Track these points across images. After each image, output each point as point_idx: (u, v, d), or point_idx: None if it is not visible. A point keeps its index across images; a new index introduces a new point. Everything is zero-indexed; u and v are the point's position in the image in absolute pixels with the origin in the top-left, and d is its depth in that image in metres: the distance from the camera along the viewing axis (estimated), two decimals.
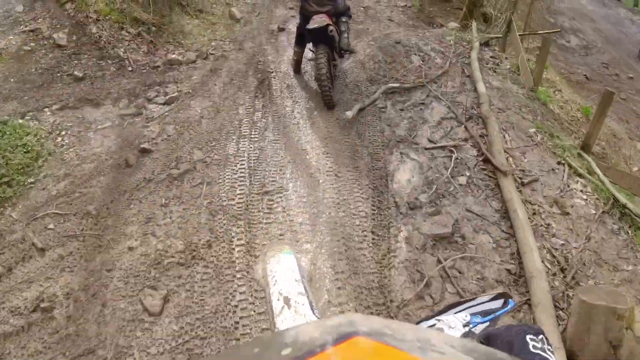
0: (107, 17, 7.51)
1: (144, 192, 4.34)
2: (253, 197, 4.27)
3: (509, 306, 1.16)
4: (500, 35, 8.79)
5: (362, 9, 9.77)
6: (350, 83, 6.46)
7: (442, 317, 1.16)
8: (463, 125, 5.77)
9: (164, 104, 6.02)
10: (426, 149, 5.27)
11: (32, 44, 6.98)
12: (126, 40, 7.47)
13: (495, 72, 7.48)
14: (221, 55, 7.31)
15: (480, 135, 5.52)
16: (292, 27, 8.55)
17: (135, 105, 6.01)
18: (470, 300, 1.24)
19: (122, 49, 7.28)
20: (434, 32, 8.71)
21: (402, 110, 5.98)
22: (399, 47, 7.69)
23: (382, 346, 0.41)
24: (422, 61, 7.28)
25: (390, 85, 6.28)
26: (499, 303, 1.20)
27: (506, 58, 8.13)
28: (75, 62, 6.80)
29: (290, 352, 0.41)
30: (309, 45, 6.37)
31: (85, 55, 6.94)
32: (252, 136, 5.14)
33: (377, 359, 0.40)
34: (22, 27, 7.26)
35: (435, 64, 7.29)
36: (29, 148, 5.08)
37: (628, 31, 15.69)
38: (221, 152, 4.86)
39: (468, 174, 4.76)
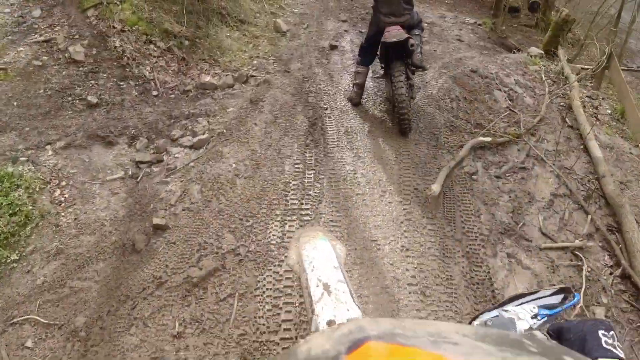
0: (133, 28, 6.27)
1: (152, 304, 3.05)
2: (305, 326, 2.91)
3: (575, 299, 1.19)
4: (592, 67, 7.20)
5: (426, 25, 8.28)
6: (424, 130, 5.05)
7: (508, 307, 1.16)
8: (582, 209, 4.32)
9: (190, 147, 4.73)
10: (541, 249, 3.84)
11: (45, 58, 5.80)
12: (154, 57, 6.22)
13: (597, 119, 5.93)
14: (264, 80, 5.97)
15: (609, 229, 4.08)
16: (346, 44, 7.16)
17: (156, 148, 4.74)
18: (533, 293, 1.25)
19: (149, 68, 6.03)
20: (513, 59, 7.19)
21: (498, 178, 4.54)
22: (477, 79, 6.22)
23: (395, 347, 0.40)
24: (510, 100, 5.80)
25: (479, 139, 4.83)
26: (559, 298, 1.18)
27: (603, 99, 6.56)
28: (92, 82, 5.58)
29: None
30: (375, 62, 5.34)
31: (104, 75, 5.71)
32: (303, 212, 3.79)
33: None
34: (36, 35, 6.09)
35: (525, 105, 5.80)
36: (17, 208, 3.85)
37: None
38: (261, 238, 3.53)
39: (606, 301, 3.32)
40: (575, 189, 4.54)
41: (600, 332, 0.95)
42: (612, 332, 0.96)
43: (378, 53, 5.25)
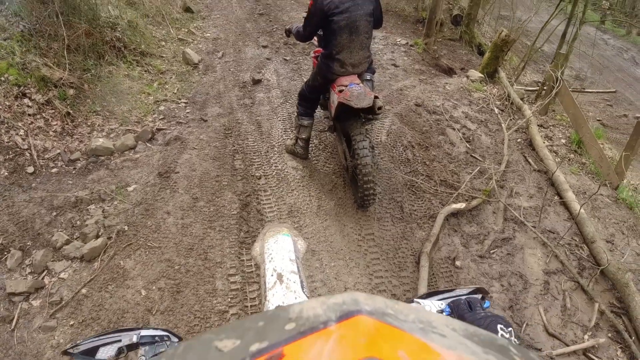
0: (2, 78, 4.56)
1: None
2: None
3: (485, 305, 1.08)
4: (538, 89, 6.47)
5: None
6: (383, 195, 3.91)
7: (421, 300, 1.14)
8: (581, 288, 3.42)
9: (80, 259, 3.25)
10: (552, 358, 2.86)
11: None
12: (29, 116, 4.56)
13: (556, 153, 5.13)
14: (175, 136, 4.53)
15: (613, 311, 3.24)
16: (271, 76, 5.86)
17: (32, 265, 3.21)
18: (450, 290, 1.21)
19: (22, 132, 4.39)
20: (454, 85, 6.28)
21: (482, 258, 3.50)
22: (425, 115, 5.22)
23: (384, 325, 0.39)
24: (467, 142, 4.83)
25: (451, 207, 3.77)
26: (477, 297, 1.14)
27: (553, 126, 5.82)
28: None
29: (294, 327, 0.39)
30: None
31: None
32: None
33: (379, 337, 0.37)
34: None
35: (484, 146, 4.87)
36: None
37: (604, 53, 13.91)
38: None
39: None
40: (567, 260, 3.63)
41: (499, 326, 0.95)
42: (510, 329, 0.95)
43: (324, 102, 4.08)
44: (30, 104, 4.61)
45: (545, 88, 6.00)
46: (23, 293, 3.02)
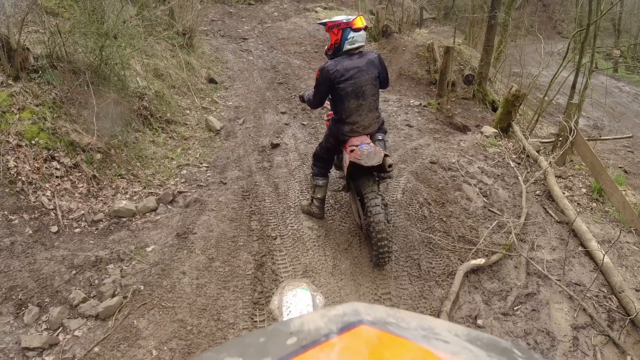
0: (32, 142, 4.75)
1: None
2: None
3: None
4: (554, 140, 6.37)
5: None
6: (400, 253, 3.79)
7: None
8: (612, 341, 3.17)
9: (95, 317, 3.20)
10: None
11: None
12: (56, 178, 4.69)
13: (578, 204, 4.94)
14: (194, 198, 4.56)
15: None
16: (289, 140, 5.93)
17: (48, 322, 3.18)
18: None
19: (49, 193, 4.50)
20: (469, 141, 6.24)
21: (505, 315, 3.30)
22: (440, 172, 5.14)
23: (386, 335, 0.38)
24: (485, 197, 4.70)
25: (470, 263, 3.61)
26: None
27: (572, 176, 5.66)
28: None
29: (295, 342, 0.38)
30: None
31: None
32: None
33: (381, 347, 0.36)
34: None
35: (502, 200, 4.72)
36: None
37: (620, 100, 13.77)
38: None
39: None
40: (595, 313, 3.38)
41: None
42: None
43: (338, 163, 4.09)
44: (58, 166, 4.75)
45: (560, 139, 5.90)
46: (37, 348, 2.97)
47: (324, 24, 3.67)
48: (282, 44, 11.02)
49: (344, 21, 3.54)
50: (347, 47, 3.54)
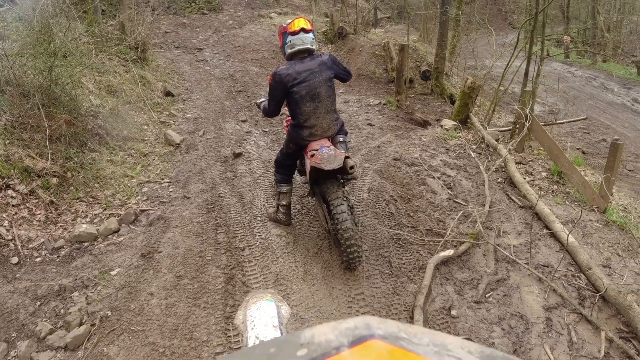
0: None
1: None
2: None
3: None
4: (511, 128, 6.54)
5: None
6: (370, 252, 3.80)
7: None
8: (585, 319, 3.27)
9: (64, 349, 3.07)
10: None
11: None
12: (13, 207, 4.50)
13: (540, 188, 5.08)
14: (158, 216, 4.45)
15: (622, 337, 3.10)
16: (251, 148, 5.88)
17: (17, 357, 3.05)
18: None
19: (7, 223, 4.32)
20: (430, 135, 6.34)
21: (477, 303, 3.35)
22: (404, 168, 5.19)
23: (398, 350, 0.38)
24: (449, 189, 4.78)
25: (440, 255, 3.66)
26: None
27: (532, 161, 5.82)
28: None
29: (305, 353, 0.38)
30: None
31: None
32: None
33: None
34: None
35: (466, 191, 4.81)
36: None
37: (574, 84, 14.29)
38: None
39: None
40: (566, 292, 3.48)
41: None
42: None
43: (301, 168, 4.06)
44: (13, 195, 4.56)
45: (517, 126, 6.06)
46: None
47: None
48: (239, 52, 10.94)
49: (283, 25, 3.55)
50: (288, 50, 3.55)
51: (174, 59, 9.95)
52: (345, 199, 3.39)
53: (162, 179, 5.30)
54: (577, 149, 9.05)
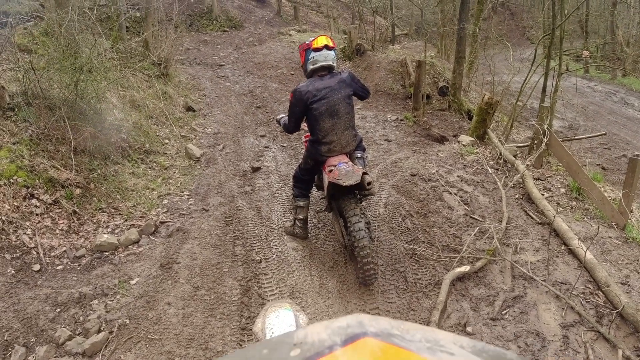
0: (11, 181, 4.69)
1: None
2: None
3: None
4: (529, 144, 6.49)
5: None
6: (385, 267, 3.79)
7: None
8: (602, 337, 3.20)
9: (82, 355, 3.12)
10: None
11: None
12: (36, 215, 4.63)
13: (558, 204, 5.01)
14: (177, 227, 4.52)
15: (639, 355, 2.98)
16: (269, 163, 5.94)
17: None
18: None
19: (30, 231, 4.45)
20: (447, 151, 6.32)
21: (493, 320, 3.31)
22: (420, 184, 5.18)
23: (391, 347, 0.38)
24: (466, 205, 4.75)
25: (456, 271, 3.63)
26: None
27: (551, 177, 5.76)
28: None
29: (299, 354, 0.38)
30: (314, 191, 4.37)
31: None
32: None
33: (386, 359, 0.36)
34: None
35: (482, 207, 4.78)
36: None
37: (593, 99, 14.09)
38: None
39: None
40: (583, 310, 3.41)
41: None
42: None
43: (319, 183, 4.10)
44: (38, 204, 4.69)
45: (535, 142, 6.01)
46: None
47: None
48: (259, 68, 11.12)
49: (306, 42, 3.62)
50: (310, 67, 3.61)
51: (195, 75, 10.16)
52: (362, 215, 3.40)
53: (182, 192, 5.39)
54: (597, 164, 8.89)
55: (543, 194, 5.11)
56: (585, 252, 3.76)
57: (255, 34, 14.55)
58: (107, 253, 4.28)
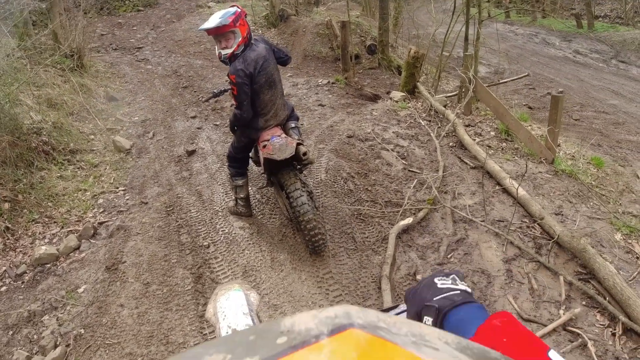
0: None
1: None
2: None
3: None
4: (457, 92, 6.75)
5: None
6: (333, 231, 3.92)
7: None
8: (543, 266, 3.50)
9: None
10: None
11: None
12: None
13: (489, 147, 5.31)
14: (117, 226, 4.41)
15: (581, 279, 3.32)
16: (204, 144, 5.87)
17: None
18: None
19: None
20: (380, 109, 6.47)
21: (440, 265, 3.53)
22: (358, 144, 5.32)
23: (376, 339, 0.39)
24: (403, 159, 4.93)
25: (400, 225, 3.81)
26: None
27: (480, 122, 6.06)
28: None
29: (285, 341, 0.38)
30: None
31: None
32: None
33: (371, 351, 0.37)
34: None
35: (419, 159, 4.98)
36: None
37: (516, 43, 14.75)
38: None
39: None
40: (522, 243, 3.70)
41: (436, 279, 0.94)
42: (452, 276, 0.94)
43: (256, 159, 4.07)
44: None
45: (463, 90, 6.26)
46: None
47: (227, 21, 3.28)
48: (180, 46, 10.75)
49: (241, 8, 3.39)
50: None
51: (113, 62, 9.67)
52: (303, 186, 3.45)
53: (117, 188, 5.23)
54: (524, 105, 9.39)
55: (474, 139, 5.39)
56: (517, 189, 4.05)
57: (173, 10, 13.94)
58: (48, 265, 4.13)
